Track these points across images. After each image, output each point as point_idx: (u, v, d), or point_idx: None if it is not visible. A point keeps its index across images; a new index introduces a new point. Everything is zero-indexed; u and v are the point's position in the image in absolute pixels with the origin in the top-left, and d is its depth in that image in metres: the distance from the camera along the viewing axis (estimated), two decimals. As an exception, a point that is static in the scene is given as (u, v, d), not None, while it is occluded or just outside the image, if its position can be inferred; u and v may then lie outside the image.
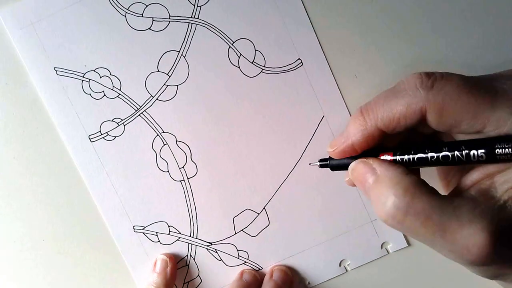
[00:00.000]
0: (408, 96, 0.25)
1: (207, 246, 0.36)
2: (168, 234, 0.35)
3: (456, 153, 0.24)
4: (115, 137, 0.35)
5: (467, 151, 0.24)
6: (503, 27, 0.34)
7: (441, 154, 0.24)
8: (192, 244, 0.36)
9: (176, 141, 0.35)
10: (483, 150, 0.23)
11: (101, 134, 0.35)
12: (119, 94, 0.34)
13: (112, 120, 0.35)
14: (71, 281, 0.36)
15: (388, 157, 0.26)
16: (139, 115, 0.35)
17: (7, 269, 0.36)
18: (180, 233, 0.35)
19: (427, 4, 0.34)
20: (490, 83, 0.24)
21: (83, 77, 0.34)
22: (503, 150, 0.22)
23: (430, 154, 0.25)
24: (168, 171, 0.35)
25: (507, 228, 0.23)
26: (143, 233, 0.35)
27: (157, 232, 0.35)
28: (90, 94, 0.34)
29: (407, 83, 0.25)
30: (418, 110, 0.25)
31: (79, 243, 0.36)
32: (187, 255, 0.36)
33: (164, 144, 0.35)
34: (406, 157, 0.26)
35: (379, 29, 0.34)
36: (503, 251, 0.23)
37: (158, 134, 0.35)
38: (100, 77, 0.34)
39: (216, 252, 0.36)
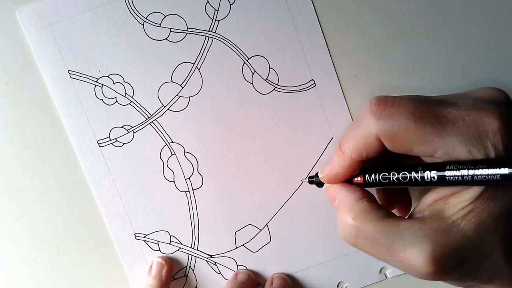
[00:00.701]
0: (364, 127, 0.26)
1: (207, 258, 0.36)
2: (169, 243, 0.36)
3: (413, 174, 0.26)
4: (124, 143, 0.35)
5: (422, 173, 0.25)
6: (503, 28, 0.35)
7: (400, 175, 0.27)
8: (192, 255, 0.36)
9: (184, 152, 0.35)
10: (434, 172, 0.25)
11: (110, 140, 0.35)
12: (131, 101, 0.35)
13: (122, 127, 0.35)
14: (71, 281, 0.36)
15: (358, 179, 0.29)
16: (149, 123, 0.35)
17: (7, 269, 0.36)
18: (181, 244, 0.36)
19: (427, 5, 0.34)
20: (443, 108, 0.25)
21: (96, 82, 0.34)
22: (452, 172, 0.24)
23: (391, 174, 0.27)
24: (173, 181, 0.35)
25: (452, 248, 0.24)
26: (144, 241, 0.35)
27: (158, 241, 0.35)
28: (102, 99, 0.34)
29: (363, 113, 0.27)
30: (375, 139, 0.26)
31: (79, 244, 0.36)
32: (186, 266, 0.36)
33: (172, 154, 0.35)
34: (372, 177, 0.28)
35: (379, 29, 0.35)
36: (449, 269, 0.25)
37: (166, 144, 0.35)
38: (114, 83, 0.34)
39: (216, 264, 0.36)
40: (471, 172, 0.23)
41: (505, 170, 0.23)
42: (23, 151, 0.35)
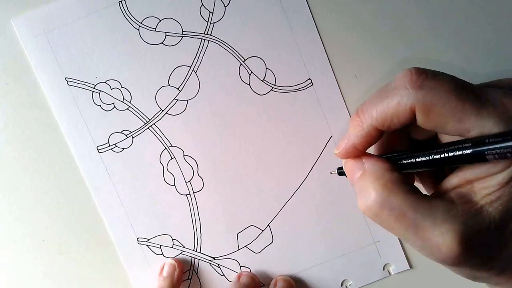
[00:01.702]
0: (398, 95, 0.25)
1: (210, 260, 0.36)
2: (172, 247, 0.36)
3: (447, 152, 0.25)
4: (123, 149, 0.35)
5: (459, 149, 0.24)
6: (503, 28, 0.35)
7: (433, 154, 0.25)
8: (195, 258, 0.36)
9: (184, 155, 0.35)
10: (470, 150, 0.24)
11: (109, 146, 0.35)
12: (129, 106, 0.35)
13: (121, 132, 0.35)
14: (71, 281, 0.36)
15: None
16: (148, 128, 0.35)
17: (7, 269, 0.36)
18: (183, 247, 0.36)
19: (427, 5, 0.34)
20: (482, 90, 0.25)
21: (94, 88, 0.34)
22: (493, 146, 0.23)
23: (421, 155, 0.26)
24: (174, 185, 0.35)
25: (481, 232, 0.24)
26: (147, 245, 0.35)
27: (160, 245, 0.35)
28: (100, 105, 0.34)
29: (398, 82, 0.26)
30: (408, 108, 0.25)
31: (79, 244, 0.36)
32: (190, 269, 0.36)
33: (172, 158, 0.35)
34: (405, 160, 0.27)
35: (379, 29, 0.35)
36: (474, 253, 0.24)
37: (166, 148, 0.35)
38: (111, 89, 0.34)
39: (219, 267, 0.36)
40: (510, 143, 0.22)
41: None
42: (23, 151, 0.35)
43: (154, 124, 0.35)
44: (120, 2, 0.34)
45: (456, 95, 0.24)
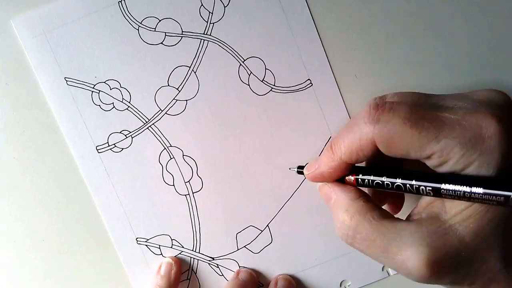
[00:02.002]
0: (359, 130, 0.26)
1: (209, 261, 0.36)
2: (171, 247, 0.36)
3: (408, 183, 0.26)
4: (123, 149, 0.35)
5: (417, 184, 0.25)
6: (504, 28, 0.35)
7: (395, 182, 0.26)
8: (194, 258, 0.36)
9: (183, 155, 0.35)
10: (430, 185, 0.25)
11: (109, 146, 0.35)
12: (128, 106, 0.35)
13: (120, 132, 0.35)
14: (71, 281, 0.36)
15: (351, 178, 0.28)
16: (147, 128, 0.35)
17: (7, 269, 0.36)
18: (182, 247, 0.36)
19: (427, 5, 0.34)
20: (439, 112, 0.25)
21: (93, 88, 0.34)
22: (448, 186, 0.24)
23: (385, 179, 0.27)
24: (173, 185, 0.35)
25: (450, 252, 0.24)
26: (146, 245, 0.35)
27: (160, 245, 0.35)
28: (99, 105, 0.35)
29: (359, 116, 0.27)
30: (370, 143, 0.26)
31: (79, 244, 0.36)
32: (189, 269, 0.36)
33: (171, 158, 0.35)
34: (366, 180, 0.28)
35: (379, 29, 0.34)
36: (445, 274, 0.24)
37: (165, 148, 0.35)
38: (110, 89, 0.34)
39: (218, 267, 0.36)
40: (467, 189, 0.23)
41: (501, 193, 0.22)
42: (23, 151, 0.35)
43: (153, 124, 0.35)
44: (120, 2, 0.34)
45: (412, 125, 0.25)
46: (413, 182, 0.26)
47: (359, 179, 0.28)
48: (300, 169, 0.32)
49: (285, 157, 0.35)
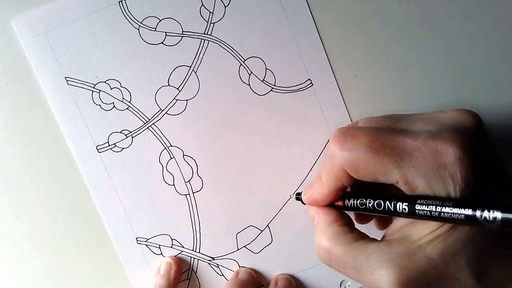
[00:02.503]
0: (330, 159, 0.27)
1: (209, 260, 0.36)
2: (171, 247, 0.36)
3: (387, 204, 0.27)
4: (123, 148, 0.35)
5: (395, 204, 0.26)
6: (504, 28, 0.35)
7: (375, 203, 0.27)
8: (194, 258, 0.36)
9: (183, 155, 0.35)
10: (406, 205, 0.26)
11: (109, 145, 0.35)
12: (129, 106, 0.35)
13: (120, 132, 0.35)
14: (71, 281, 0.36)
15: (339, 202, 0.30)
16: (148, 127, 0.35)
17: (7, 269, 0.36)
18: (183, 247, 0.36)
19: (427, 5, 0.34)
20: (401, 138, 0.25)
21: (93, 87, 0.34)
22: (421, 207, 0.25)
23: (368, 201, 0.28)
24: (173, 185, 0.35)
25: (419, 272, 0.25)
26: (146, 245, 0.35)
27: (160, 245, 0.35)
28: (100, 105, 0.35)
29: (328, 146, 0.28)
30: (341, 170, 0.27)
31: (79, 244, 0.36)
32: (189, 269, 0.36)
33: (171, 158, 0.35)
34: (351, 202, 0.29)
35: (379, 29, 0.35)
36: None
37: (165, 148, 0.35)
38: (111, 89, 0.34)
39: (218, 267, 0.36)
40: (438, 209, 0.24)
41: (468, 211, 0.23)
42: (23, 151, 0.35)
43: (153, 124, 0.35)
44: (120, 2, 0.34)
45: (374, 153, 0.25)
46: (387, 204, 0.27)
47: (346, 202, 0.29)
48: (299, 195, 0.33)
49: (285, 157, 0.35)
